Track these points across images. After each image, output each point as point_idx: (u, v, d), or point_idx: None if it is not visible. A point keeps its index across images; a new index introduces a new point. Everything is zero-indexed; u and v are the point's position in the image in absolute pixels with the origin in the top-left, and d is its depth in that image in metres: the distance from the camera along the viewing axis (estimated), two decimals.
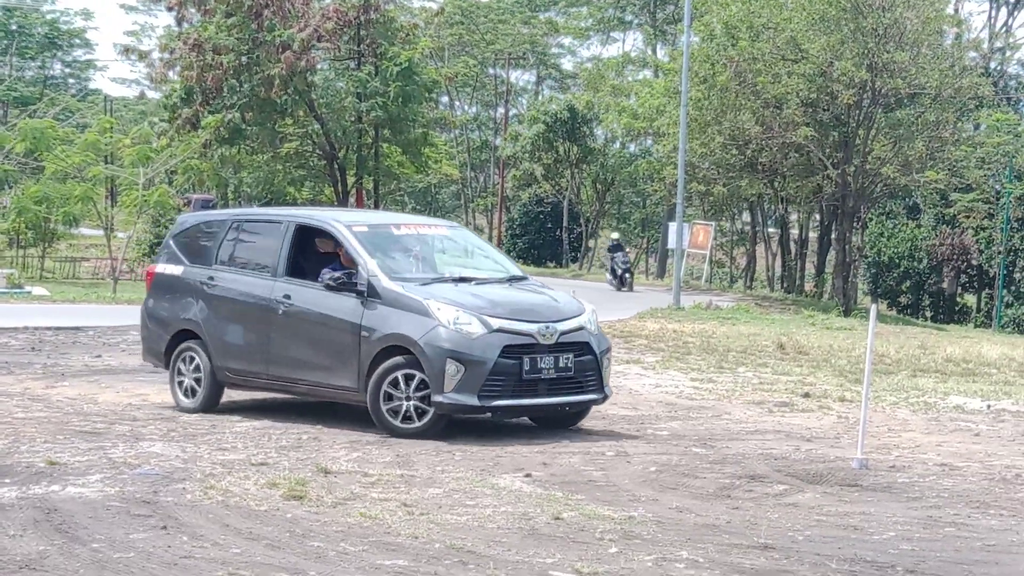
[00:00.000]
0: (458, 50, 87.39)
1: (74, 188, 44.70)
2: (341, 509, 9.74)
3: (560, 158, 68.35)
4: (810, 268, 65.07)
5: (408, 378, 13.42)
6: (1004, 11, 76.62)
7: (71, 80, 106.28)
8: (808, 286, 61.74)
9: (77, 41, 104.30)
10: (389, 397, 13.49)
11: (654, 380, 20.03)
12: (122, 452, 11.89)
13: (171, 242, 16.09)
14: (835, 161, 46.03)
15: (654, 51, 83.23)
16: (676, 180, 41.41)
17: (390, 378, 13.49)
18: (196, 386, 15.09)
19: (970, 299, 66.07)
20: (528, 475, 11.41)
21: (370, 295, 13.78)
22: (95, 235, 55.14)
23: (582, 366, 14.00)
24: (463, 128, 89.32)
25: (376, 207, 49.28)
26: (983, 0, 78.14)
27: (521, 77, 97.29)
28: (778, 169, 49.09)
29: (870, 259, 60.83)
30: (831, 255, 55.22)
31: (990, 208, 59.31)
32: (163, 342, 15.53)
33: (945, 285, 62.97)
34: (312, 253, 15.03)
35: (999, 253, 57.72)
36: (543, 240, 74.54)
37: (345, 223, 14.82)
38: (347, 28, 43.44)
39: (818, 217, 61.04)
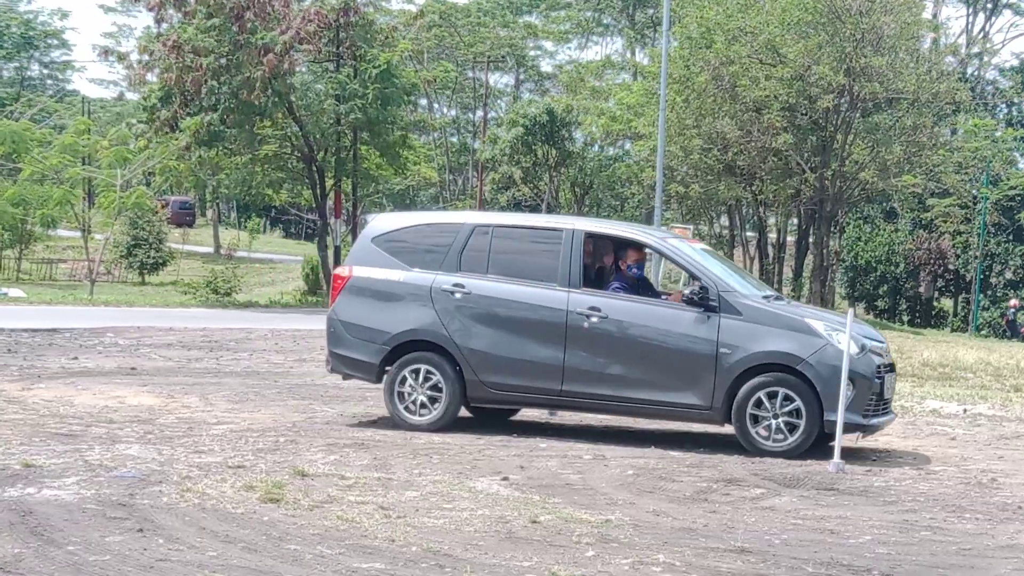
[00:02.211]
0: (437, 53, 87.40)
1: (52, 191, 44.64)
2: (318, 512, 9.72)
3: (539, 161, 68.34)
4: (788, 272, 65.19)
5: (773, 396, 13.13)
6: (981, 16, 77.07)
7: (49, 81, 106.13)
8: (786, 290, 61.87)
9: (55, 42, 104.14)
10: (755, 417, 13.20)
11: None
12: (98, 454, 11.83)
13: (373, 244, 14.84)
14: (813, 165, 46.17)
15: (633, 54, 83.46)
16: (655, 183, 41.46)
17: (755, 397, 13.17)
18: (432, 401, 14.19)
19: (947, 303, 66.35)
20: (505, 478, 11.41)
21: (724, 310, 13.28)
22: (72, 236, 55.07)
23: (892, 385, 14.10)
24: (442, 131, 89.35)
25: (354, 210, 49.23)
26: (960, 5, 78.51)
27: (500, 80, 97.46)
28: (756, 173, 49.19)
29: (847, 263, 61.06)
30: (809, 259, 55.40)
31: (967, 213, 59.58)
32: (378, 354, 14.38)
33: (922, 289, 63.25)
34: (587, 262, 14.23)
35: (975, 258, 58.01)
36: None
37: (657, 235, 14.31)
38: (327, 30, 43.40)
39: (796, 221, 61.22)
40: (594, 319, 13.57)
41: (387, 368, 14.41)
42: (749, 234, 68.77)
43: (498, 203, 76.64)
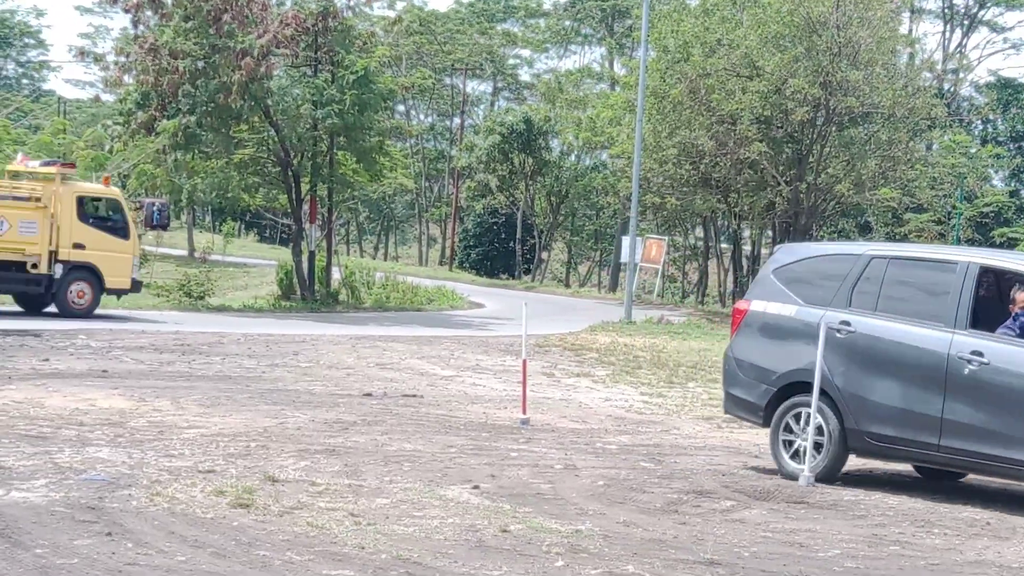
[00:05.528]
0: (415, 59, 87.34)
1: None
2: (288, 518, 9.70)
3: (515, 169, 68.43)
4: None
5: None
6: (959, 33, 77.45)
7: (24, 80, 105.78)
8: None
9: (31, 41, 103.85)
10: None
11: (604, 394, 20.08)
12: (68, 457, 11.79)
13: (772, 276, 13.91)
14: (788, 178, 46.27)
15: (611, 65, 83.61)
16: (630, 193, 41.54)
17: None
18: (813, 450, 12.79)
19: None
20: (476, 487, 11.40)
21: None
22: None
23: None
24: (419, 138, 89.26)
25: (329, 215, 49.14)
26: (937, 21, 78.91)
27: (477, 87, 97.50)
28: (731, 185, 49.27)
29: None
30: None
31: (942, 229, 59.80)
32: (764, 395, 13.42)
33: None
34: (981, 300, 12.71)
35: None
36: (496, 251, 74.58)
37: None
38: (305, 35, 43.27)
39: (771, 233, 61.30)
40: (974, 365, 12.01)
41: (774, 411, 13.41)
42: (724, 246, 68.91)
43: (474, 211, 76.63)
